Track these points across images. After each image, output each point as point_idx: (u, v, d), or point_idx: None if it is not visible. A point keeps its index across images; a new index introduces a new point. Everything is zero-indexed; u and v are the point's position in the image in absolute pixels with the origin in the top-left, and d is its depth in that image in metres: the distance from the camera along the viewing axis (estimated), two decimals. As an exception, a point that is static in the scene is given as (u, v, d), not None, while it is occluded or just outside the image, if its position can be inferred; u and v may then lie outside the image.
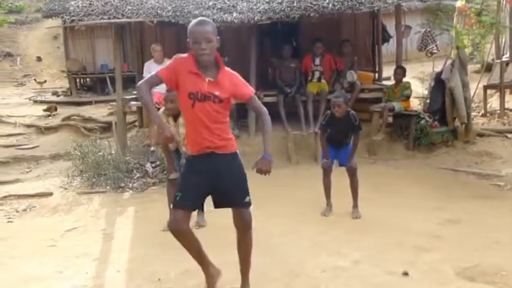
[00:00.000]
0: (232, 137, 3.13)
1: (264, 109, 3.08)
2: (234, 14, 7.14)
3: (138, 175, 6.71)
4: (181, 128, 4.69)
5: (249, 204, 3.08)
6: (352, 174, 5.05)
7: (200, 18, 3.03)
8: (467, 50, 8.82)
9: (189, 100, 2.93)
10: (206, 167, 3.01)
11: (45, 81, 14.54)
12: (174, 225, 3.03)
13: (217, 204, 3.15)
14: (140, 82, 3.02)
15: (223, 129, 3.03)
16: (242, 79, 3.07)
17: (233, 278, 3.29)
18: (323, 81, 8.08)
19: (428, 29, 9.62)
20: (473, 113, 9.24)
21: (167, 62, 7.54)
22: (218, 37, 2.95)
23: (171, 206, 3.12)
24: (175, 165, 4.86)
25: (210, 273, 3.19)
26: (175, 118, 4.67)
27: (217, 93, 2.92)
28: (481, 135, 7.97)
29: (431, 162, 7.21)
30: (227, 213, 3.16)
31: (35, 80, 14.76)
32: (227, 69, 3.03)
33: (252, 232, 3.11)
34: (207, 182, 3.02)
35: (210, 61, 2.94)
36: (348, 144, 5.07)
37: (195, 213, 4.69)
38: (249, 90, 3.05)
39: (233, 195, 3.05)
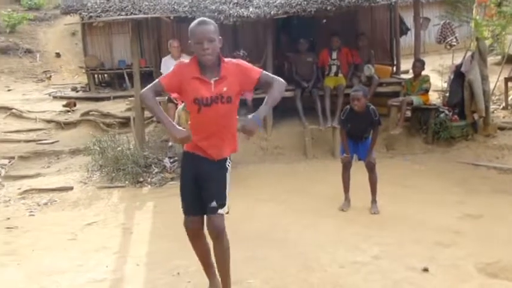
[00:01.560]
0: (235, 139, 3.03)
1: (277, 78, 2.97)
2: (251, 9, 7.13)
3: (156, 170, 6.76)
4: None
5: (213, 210, 2.89)
6: (371, 169, 5.01)
7: (201, 18, 2.97)
8: (487, 42, 8.66)
9: (194, 105, 2.88)
10: (193, 166, 2.97)
11: (50, 76, 14.80)
12: (188, 225, 3.03)
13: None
14: (144, 90, 2.95)
15: (229, 132, 2.96)
16: (245, 63, 2.98)
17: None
18: (340, 75, 8.01)
19: (448, 21, 9.45)
20: (493, 106, 9.09)
21: (184, 58, 7.61)
22: (220, 37, 2.88)
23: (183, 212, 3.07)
24: None
25: (214, 283, 3.15)
26: None
27: (225, 89, 2.85)
28: (501, 128, 7.83)
29: (451, 156, 7.11)
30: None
31: (44, 74, 15.01)
32: (228, 60, 2.93)
33: (225, 241, 2.96)
34: (194, 183, 2.98)
35: (213, 61, 2.86)
36: (366, 138, 5.03)
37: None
38: (257, 71, 2.94)
39: (204, 198, 2.94)
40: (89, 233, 4.89)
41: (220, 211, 2.90)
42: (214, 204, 2.89)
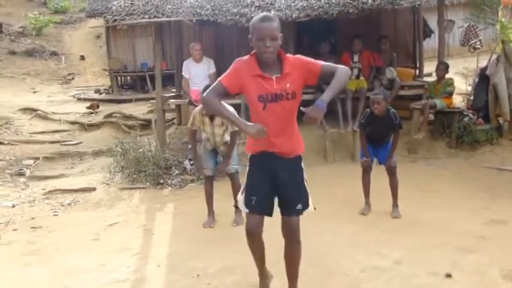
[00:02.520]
0: (300, 136, 3.01)
1: (340, 65, 2.90)
2: (272, 12, 7.12)
3: (176, 172, 6.82)
4: (217, 129, 4.74)
5: (300, 212, 2.96)
6: (392, 173, 4.95)
7: (265, 13, 2.90)
8: (514, 45, 8.48)
9: (259, 103, 2.82)
10: (267, 166, 2.93)
11: (72, 78, 15.10)
12: (250, 226, 2.96)
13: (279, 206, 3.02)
14: (205, 95, 2.85)
15: (294, 129, 2.93)
16: (305, 58, 2.91)
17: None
18: (362, 78, 7.95)
19: (472, 24, 9.30)
20: (519, 110, 8.89)
21: (205, 61, 7.66)
22: (281, 34, 2.82)
23: (247, 210, 3.00)
24: (211, 164, 4.93)
25: (265, 282, 3.23)
26: (212, 118, 4.71)
27: (288, 85, 2.80)
28: (528, 132, 7.65)
29: (475, 160, 6.98)
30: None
31: (68, 76, 15.34)
32: (289, 56, 2.88)
33: (301, 244, 3.04)
34: (270, 182, 2.94)
35: (273, 59, 2.81)
36: (387, 142, 4.98)
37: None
38: (318, 63, 2.87)
39: (287, 201, 2.95)
40: (111, 233, 4.96)
41: (304, 212, 2.96)
42: (299, 206, 2.94)
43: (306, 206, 2.98)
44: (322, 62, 2.89)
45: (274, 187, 2.95)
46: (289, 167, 2.95)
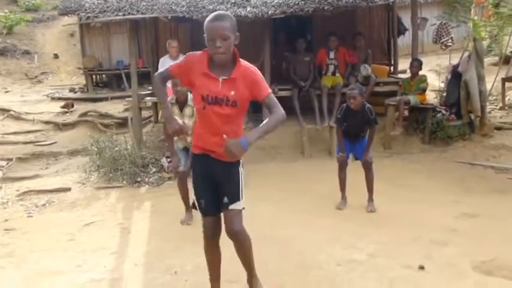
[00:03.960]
0: None
1: (280, 109, 2.76)
2: (248, 8, 7.14)
3: (154, 170, 6.78)
4: (186, 119, 4.76)
5: (237, 210, 2.87)
6: (368, 168, 5.03)
7: (217, 12, 2.74)
8: (485, 42, 8.69)
9: (200, 102, 2.79)
10: (206, 168, 2.91)
11: (36, 76, 14.85)
12: (206, 228, 2.95)
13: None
14: (155, 74, 3.02)
15: (236, 134, 2.77)
16: (260, 76, 2.80)
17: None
18: (338, 74, 8.04)
19: (444, 21, 9.50)
20: (491, 106, 9.13)
21: (181, 58, 7.62)
22: (238, 34, 2.71)
23: (201, 215, 2.97)
24: (183, 161, 4.94)
25: None
26: (181, 108, 4.75)
27: (232, 92, 2.71)
28: (498, 128, 7.86)
29: (448, 156, 7.13)
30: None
31: (37, 75, 15.06)
32: (244, 64, 2.77)
33: (244, 235, 2.91)
34: (210, 183, 2.92)
35: (226, 60, 2.71)
36: (363, 137, 5.05)
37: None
38: (266, 90, 2.77)
39: (224, 198, 2.88)
40: (87, 233, 4.89)
41: (232, 206, 2.84)
42: (226, 200, 2.85)
43: (235, 201, 2.86)
44: (270, 92, 2.77)
45: (215, 186, 2.92)
46: (226, 171, 2.87)
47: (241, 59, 2.78)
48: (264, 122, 2.76)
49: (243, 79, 2.74)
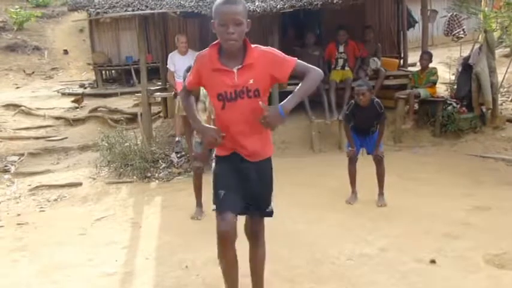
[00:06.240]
0: (269, 138, 2.68)
1: (314, 68, 2.56)
2: (257, 3, 7.12)
3: (163, 165, 6.81)
4: (200, 113, 4.75)
5: (269, 214, 2.72)
6: (379, 162, 5.00)
7: None
8: (496, 34, 8.58)
9: (218, 102, 2.52)
10: (235, 167, 2.63)
11: (33, 72, 14.93)
12: (222, 228, 2.54)
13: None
14: (180, 94, 2.89)
15: (261, 130, 2.54)
16: (277, 52, 2.55)
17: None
18: (347, 68, 8.00)
19: (455, 13, 9.40)
20: (502, 98, 9.04)
21: (190, 53, 7.62)
22: (249, 20, 2.48)
23: (216, 208, 2.63)
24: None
25: None
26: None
27: (251, 81, 2.46)
28: (510, 120, 7.79)
29: (459, 148, 7.09)
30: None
31: (48, 71, 15.15)
32: (256, 47, 2.52)
33: (264, 238, 2.82)
34: (238, 179, 2.63)
35: (238, 47, 2.46)
36: (374, 132, 5.02)
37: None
38: (291, 61, 2.52)
39: (256, 202, 2.68)
40: (98, 228, 4.94)
41: (263, 211, 2.70)
42: (256, 204, 2.68)
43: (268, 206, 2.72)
44: (296, 60, 2.55)
45: (243, 188, 2.63)
46: (258, 171, 2.64)
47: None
48: (300, 85, 2.53)
49: (260, 62, 2.48)
